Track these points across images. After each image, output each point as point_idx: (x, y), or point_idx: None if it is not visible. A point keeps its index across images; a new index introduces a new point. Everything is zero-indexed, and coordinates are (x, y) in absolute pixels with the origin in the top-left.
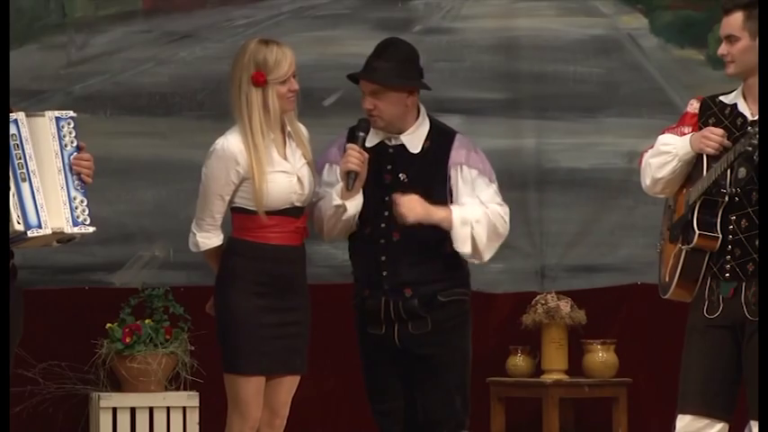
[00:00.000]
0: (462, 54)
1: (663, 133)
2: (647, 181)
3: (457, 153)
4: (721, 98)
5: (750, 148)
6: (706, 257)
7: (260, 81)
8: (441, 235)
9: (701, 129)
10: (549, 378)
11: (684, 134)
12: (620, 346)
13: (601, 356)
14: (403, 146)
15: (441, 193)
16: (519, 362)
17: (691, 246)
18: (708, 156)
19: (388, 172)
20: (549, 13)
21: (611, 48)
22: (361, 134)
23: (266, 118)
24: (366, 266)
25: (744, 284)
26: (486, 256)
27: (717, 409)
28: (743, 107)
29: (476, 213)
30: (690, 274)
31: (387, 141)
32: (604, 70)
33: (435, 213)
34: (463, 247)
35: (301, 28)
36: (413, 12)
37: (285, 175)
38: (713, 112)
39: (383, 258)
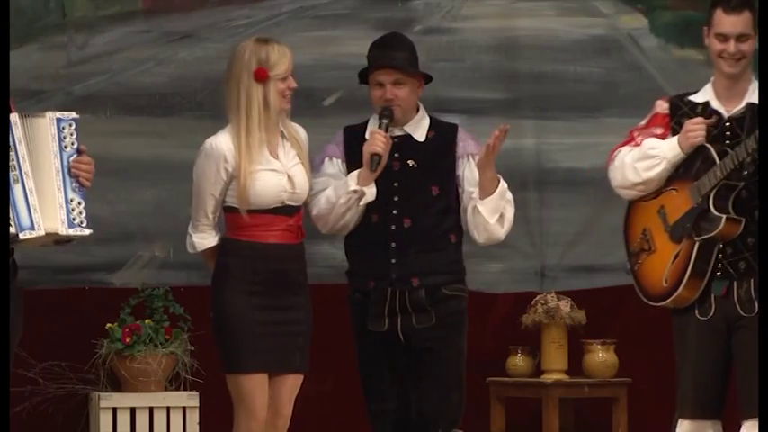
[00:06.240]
0: (462, 54)
1: (631, 133)
2: (629, 177)
3: (465, 144)
4: (690, 98)
5: None
6: (716, 250)
7: (262, 77)
8: (447, 224)
9: (673, 129)
10: (548, 378)
11: (656, 135)
12: (620, 346)
13: (601, 356)
14: (408, 135)
15: (448, 180)
16: (519, 362)
17: (715, 233)
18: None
19: (396, 159)
20: (549, 13)
21: (611, 48)
22: (385, 121)
23: (266, 114)
24: (373, 256)
25: (735, 282)
26: (501, 236)
27: (714, 411)
28: (716, 105)
29: (510, 195)
30: (700, 269)
31: (389, 133)
32: (604, 70)
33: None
34: (491, 217)
35: (301, 28)
36: (413, 12)
37: (275, 173)
38: (685, 112)
39: (393, 245)
